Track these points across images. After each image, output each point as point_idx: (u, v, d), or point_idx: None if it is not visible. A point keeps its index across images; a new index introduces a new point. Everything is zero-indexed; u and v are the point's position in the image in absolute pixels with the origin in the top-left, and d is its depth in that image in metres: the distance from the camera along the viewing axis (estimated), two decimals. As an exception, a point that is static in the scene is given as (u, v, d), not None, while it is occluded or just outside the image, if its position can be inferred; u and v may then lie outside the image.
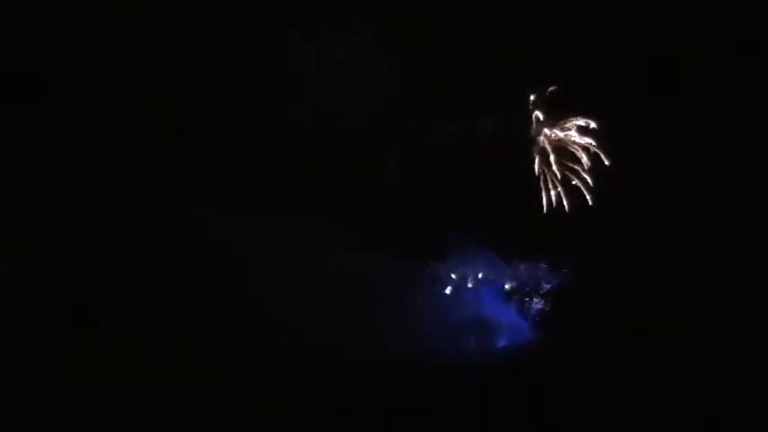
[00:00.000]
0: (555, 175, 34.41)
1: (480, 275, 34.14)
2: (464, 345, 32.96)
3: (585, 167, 34.20)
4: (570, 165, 34.45)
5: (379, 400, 30.52)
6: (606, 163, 34.12)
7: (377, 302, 32.62)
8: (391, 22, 33.87)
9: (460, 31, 34.34)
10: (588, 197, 34.00)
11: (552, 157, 34.37)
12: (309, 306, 32.12)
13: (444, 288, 34.15)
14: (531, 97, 35.04)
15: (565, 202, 34.07)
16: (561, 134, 34.65)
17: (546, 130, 34.61)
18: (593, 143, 34.28)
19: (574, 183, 34.22)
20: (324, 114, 34.06)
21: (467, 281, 34.12)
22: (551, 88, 34.54)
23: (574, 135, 34.61)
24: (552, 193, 34.18)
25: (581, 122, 34.60)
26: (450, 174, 34.33)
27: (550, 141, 34.58)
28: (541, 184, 34.22)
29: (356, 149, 34.52)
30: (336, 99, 33.95)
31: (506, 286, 34.37)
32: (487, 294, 34.12)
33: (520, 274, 34.50)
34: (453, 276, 34.28)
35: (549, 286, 34.39)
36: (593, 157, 34.41)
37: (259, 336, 31.54)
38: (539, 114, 34.87)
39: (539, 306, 34.21)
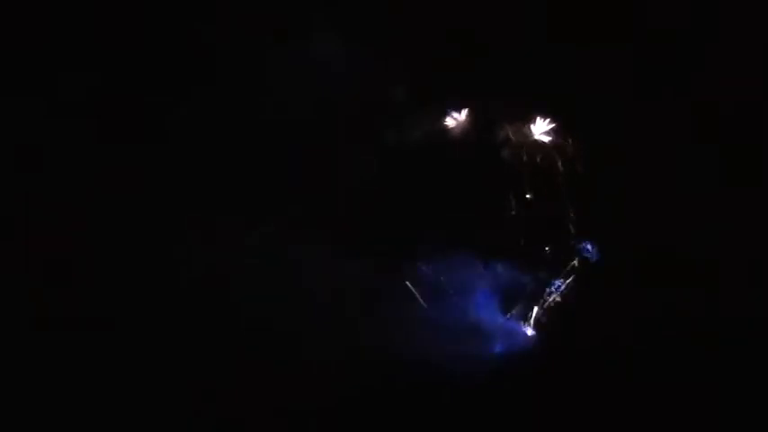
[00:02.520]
0: (526, 184, 33.43)
1: (467, 279, 33.83)
2: (458, 350, 32.80)
3: (560, 172, 33.21)
4: (542, 170, 33.44)
5: (372, 407, 30.69)
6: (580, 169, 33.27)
7: (364, 308, 32.55)
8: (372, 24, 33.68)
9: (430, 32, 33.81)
10: (569, 207, 33.27)
11: (522, 163, 33.36)
12: (298, 308, 32.25)
13: (431, 293, 33.89)
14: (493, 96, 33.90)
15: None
16: (529, 136, 33.52)
17: (510, 132, 33.52)
18: (569, 147, 33.34)
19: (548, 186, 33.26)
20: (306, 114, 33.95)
21: (455, 285, 33.88)
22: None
23: (543, 137, 33.54)
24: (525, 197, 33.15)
25: (550, 123, 33.63)
26: (420, 175, 33.89)
27: (517, 145, 33.49)
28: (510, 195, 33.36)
29: (331, 149, 34.24)
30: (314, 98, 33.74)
31: (501, 290, 34.07)
32: (481, 298, 33.92)
33: (508, 278, 34.12)
34: (441, 281, 34.02)
35: (545, 290, 34.12)
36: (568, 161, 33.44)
37: (252, 337, 31.94)
38: (501, 117, 33.73)
39: (536, 310, 33.96)
